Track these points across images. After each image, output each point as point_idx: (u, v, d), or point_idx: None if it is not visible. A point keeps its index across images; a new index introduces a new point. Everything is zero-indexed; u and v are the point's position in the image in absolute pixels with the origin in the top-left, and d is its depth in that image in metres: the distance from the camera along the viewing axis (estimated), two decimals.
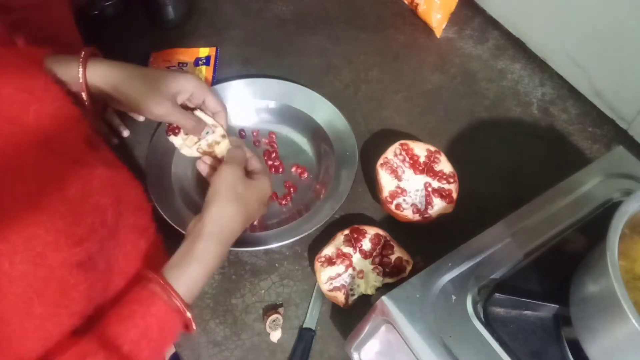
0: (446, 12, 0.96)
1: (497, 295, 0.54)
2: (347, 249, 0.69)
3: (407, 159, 0.76)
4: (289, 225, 0.74)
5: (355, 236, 0.70)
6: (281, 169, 0.81)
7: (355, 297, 0.68)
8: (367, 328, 0.57)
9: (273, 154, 0.83)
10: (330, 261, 0.69)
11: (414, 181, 0.75)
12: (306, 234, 0.72)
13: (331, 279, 0.68)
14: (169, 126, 0.72)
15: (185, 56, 0.94)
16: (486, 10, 1.01)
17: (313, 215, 0.75)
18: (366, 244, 0.70)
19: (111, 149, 0.70)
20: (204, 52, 0.94)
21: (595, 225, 0.58)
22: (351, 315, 0.67)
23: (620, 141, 0.84)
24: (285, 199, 0.78)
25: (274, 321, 0.67)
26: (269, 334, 0.68)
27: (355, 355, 0.61)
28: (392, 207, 0.73)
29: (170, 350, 0.66)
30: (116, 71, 0.65)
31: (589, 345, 0.50)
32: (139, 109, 0.66)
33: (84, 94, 0.64)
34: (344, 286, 0.68)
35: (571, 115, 0.89)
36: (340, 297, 0.67)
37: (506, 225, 0.60)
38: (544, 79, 0.93)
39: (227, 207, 0.60)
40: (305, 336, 0.67)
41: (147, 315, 0.53)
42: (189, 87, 0.68)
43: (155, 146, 0.81)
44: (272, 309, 0.70)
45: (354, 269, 0.69)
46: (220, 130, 0.71)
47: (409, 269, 0.70)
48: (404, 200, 0.74)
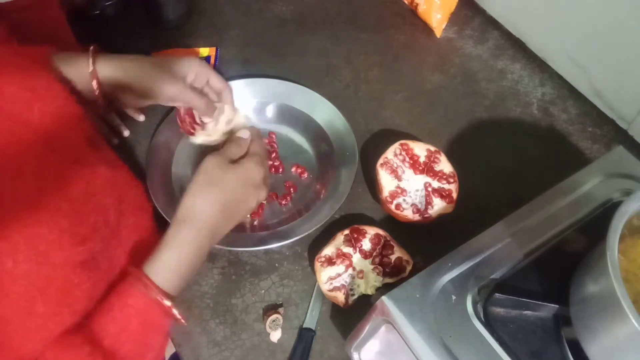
0: (446, 12, 0.96)
1: (497, 295, 0.54)
2: (347, 249, 0.69)
3: (407, 159, 0.76)
4: (289, 225, 0.74)
5: (355, 236, 0.70)
6: (281, 169, 0.81)
7: (355, 297, 0.68)
8: (367, 328, 0.57)
9: (273, 154, 0.83)
10: (330, 261, 0.69)
11: (414, 181, 0.75)
12: (306, 234, 0.72)
13: (331, 279, 0.68)
14: (183, 126, 0.74)
15: None
16: (486, 10, 1.01)
17: (313, 215, 0.75)
18: (366, 244, 0.70)
19: (112, 148, 0.70)
20: (203, 52, 0.94)
21: (595, 225, 0.58)
22: (351, 315, 0.67)
23: (620, 141, 0.84)
24: (285, 199, 0.78)
25: (274, 321, 0.67)
26: (269, 334, 0.68)
27: (355, 355, 0.61)
28: (392, 207, 0.73)
29: (170, 350, 0.66)
30: (126, 61, 0.68)
31: (589, 345, 0.50)
32: (153, 92, 0.67)
33: (95, 87, 0.65)
34: (344, 286, 0.68)
35: (571, 115, 0.89)
36: (340, 297, 0.67)
37: (506, 225, 0.60)
38: (544, 79, 0.93)
39: (200, 192, 0.60)
40: (305, 336, 0.67)
41: (125, 307, 0.53)
42: (194, 67, 0.71)
43: (155, 146, 0.81)
44: (272, 309, 0.70)
45: (354, 269, 0.69)
46: (227, 107, 0.73)
47: (409, 269, 0.70)
48: (404, 200, 0.74)
